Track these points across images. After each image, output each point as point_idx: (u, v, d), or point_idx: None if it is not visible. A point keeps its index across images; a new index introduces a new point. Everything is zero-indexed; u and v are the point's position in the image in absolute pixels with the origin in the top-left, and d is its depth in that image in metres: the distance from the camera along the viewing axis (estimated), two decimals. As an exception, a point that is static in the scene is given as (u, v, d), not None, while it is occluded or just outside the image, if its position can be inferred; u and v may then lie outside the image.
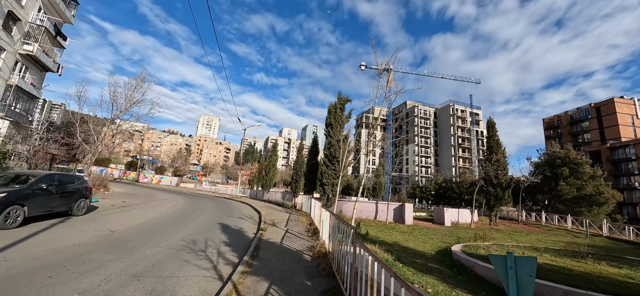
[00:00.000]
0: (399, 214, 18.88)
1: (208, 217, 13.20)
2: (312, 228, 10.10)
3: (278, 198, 22.18)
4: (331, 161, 15.39)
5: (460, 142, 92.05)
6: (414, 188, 41.24)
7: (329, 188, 15.31)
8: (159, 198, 22.25)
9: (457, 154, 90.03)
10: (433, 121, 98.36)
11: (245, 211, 17.18)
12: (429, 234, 15.43)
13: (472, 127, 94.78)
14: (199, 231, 9.67)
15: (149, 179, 46.15)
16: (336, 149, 15.20)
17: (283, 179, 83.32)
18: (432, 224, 20.32)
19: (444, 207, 22.24)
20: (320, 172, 15.76)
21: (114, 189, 25.42)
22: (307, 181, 20.12)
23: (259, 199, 27.95)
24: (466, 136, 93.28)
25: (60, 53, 34.49)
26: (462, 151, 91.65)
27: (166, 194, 26.15)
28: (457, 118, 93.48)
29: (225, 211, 16.00)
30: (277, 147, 33.21)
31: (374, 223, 16.66)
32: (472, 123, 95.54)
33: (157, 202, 18.52)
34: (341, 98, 16.68)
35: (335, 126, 15.89)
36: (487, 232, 17.38)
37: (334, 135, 15.71)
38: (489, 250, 10.93)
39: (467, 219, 21.57)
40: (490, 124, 22.49)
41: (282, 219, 12.82)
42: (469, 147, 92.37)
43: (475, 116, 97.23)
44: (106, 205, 14.67)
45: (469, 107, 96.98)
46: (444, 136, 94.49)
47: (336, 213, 12.07)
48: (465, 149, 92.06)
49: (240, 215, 14.79)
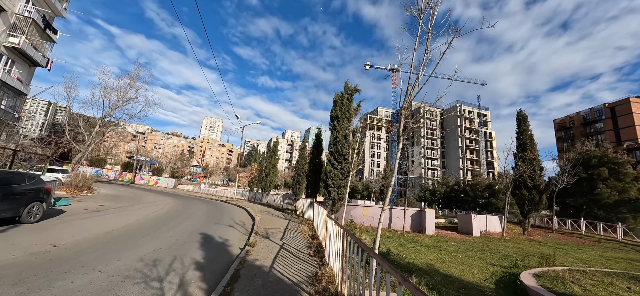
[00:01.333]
0: (417, 222, 16.33)
1: (191, 224, 11.14)
2: (315, 243, 7.98)
3: (278, 201, 20.06)
4: (337, 159, 13.25)
5: (467, 144, 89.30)
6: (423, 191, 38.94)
7: (334, 191, 13.17)
8: (146, 200, 20.28)
9: (465, 156, 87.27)
10: (439, 122, 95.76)
11: (238, 216, 15.10)
12: (463, 250, 12.64)
13: (480, 128, 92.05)
14: (171, 245, 7.59)
15: (146, 181, 44.37)
16: (343, 145, 13.10)
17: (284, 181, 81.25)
18: (457, 235, 17.51)
19: (472, 213, 19.21)
20: (324, 172, 13.62)
21: (100, 191, 23.52)
22: (309, 182, 17.84)
23: (258, 202, 25.87)
24: (474, 137, 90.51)
25: (51, 47, 32.90)
26: (470, 152, 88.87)
27: (157, 197, 24.19)
28: (464, 119, 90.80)
29: (215, 217, 13.93)
30: (278, 146, 31.16)
31: (389, 233, 14.31)
32: (480, 124, 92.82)
33: (141, 205, 16.54)
34: (348, 87, 14.58)
35: (342, 118, 13.77)
36: (535, 246, 14.71)
37: (341, 129, 13.59)
38: (579, 283, 7.72)
39: (497, 228, 19.01)
40: (521, 117, 19.76)
41: (278, 229, 10.70)
42: (477, 148, 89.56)
43: (483, 116, 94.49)
44: (77, 210, 12.67)
45: (477, 108, 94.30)
46: (450, 138, 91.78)
47: (344, 221, 9.80)
48: (473, 151, 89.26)
49: (231, 222, 12.70)
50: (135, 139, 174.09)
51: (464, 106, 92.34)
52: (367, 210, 14.57)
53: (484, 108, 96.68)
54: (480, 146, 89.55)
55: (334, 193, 13.07)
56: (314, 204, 10.87)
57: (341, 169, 13.14)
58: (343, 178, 13.12)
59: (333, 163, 13.35)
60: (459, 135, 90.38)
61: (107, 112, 31.86)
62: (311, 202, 12.18)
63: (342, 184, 12.99)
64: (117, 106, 31.79)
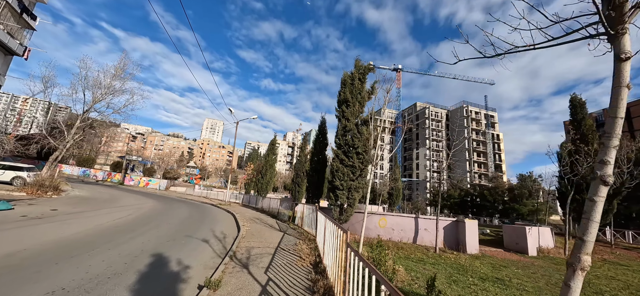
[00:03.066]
0: (453, 235, 12.48)
1: (153, 238, 8.27)
2: (323, 285, 4.69)
3: (274, 205, 17.13)
4: (347, 153, 10.32)
5: (475, 146, 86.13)
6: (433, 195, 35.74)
7: (343, 194, 10.21)
8: (120, 203, 17.41)
9: (472, 158, 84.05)
10: (445, 124, 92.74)
11: (221, 225, 12.17)
12: (545, 285, 8.37)
13: (487, 130, 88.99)
14: (92, 279, 4.70)
15: (136, 182, 41.55)
16: (355, 135, 10.19)
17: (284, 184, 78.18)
18: (507, 254, 13.29)
19: (525, 225, 14.82)
20: (331, 170, 10.66)
21: (73, 192, 20.61)
22: (311, 183, 14.80)
23: (251, 206, 22.93)
24: (481, 139, 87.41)
25: (30, 35, 30.25)
26: (477, 155, 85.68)
27: (137, 199, 21.31)
28: (471, 120, 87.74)
29: (191, 227, 11.03)
30: (277, 146, 28.25)
31: (417, 250, 10.96)
32: (487, 126, 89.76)
33: (108, 210, 13.66)
34: (360, 65, 11.70)
35: (353, 103, 10.87)
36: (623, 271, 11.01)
37: (351, 116, 10.69)
38: None
39: (549, 243, 15.56)
40: (578, 103, 16.47)
41: (266, 248, 7.76)
42: (485, 151, 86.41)
43: (491, 117, 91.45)
44: (11, 217, 9.79)
45: (484, 109, 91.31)
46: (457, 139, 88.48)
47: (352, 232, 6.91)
48: (480, 153, 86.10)
49: (208, 235, 9.78)
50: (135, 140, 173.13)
51: (471, 107, 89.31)
52: (384, 219, 11.25)
53: (492, 109, 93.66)
54: (488, 148, 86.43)
55: (342, 197, 10.10)
56: (316, 213, 7.98)
57: (352, 166, 10.18)
58: (355, 177, 10.21)
59: (342, 159, 10.39)
60: (465, 136, 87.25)
61: (89, 106, 29.18)
62: (313, 209, 9.27)
63: (354, 185, 10.05)
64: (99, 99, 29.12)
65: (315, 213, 8.66)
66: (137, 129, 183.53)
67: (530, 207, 26.75)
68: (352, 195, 10.17)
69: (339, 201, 10.17)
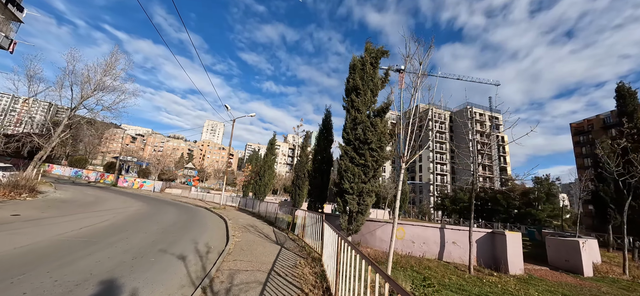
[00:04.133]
0: (488, 250, 10.16)
1: (114, 254, 6.59)
2: None
3: (272, 210, 15.40)
4: (358, 149, 8.56)
5: (479, 149, 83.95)
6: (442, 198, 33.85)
7: (353, 199, 8.41)
8: (102, 207, 15.71)
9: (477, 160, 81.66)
10: (449, 125, 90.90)
11: (208, 235, 10.45)
12: None
13: (492, 131, 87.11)
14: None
15: (130, 184, 39.85)
16: (368, 128, 8.45)
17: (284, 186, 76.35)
18: (553, 273, 11.23)
19: (578, 238, 12.72)
20: (338, 170, 8.84)
21: (53, 194, 18.88)
22: (313, 186, 12.81)
23: (248, 210, 21.19)
24: (485, 141, 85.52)
25: (17, 27, 28.77)
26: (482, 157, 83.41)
27: (123, 202, 19.60)
28: (475, 122, 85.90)
29: (171, 236, 9.33)
30: (276, 145, 26.52)
31: (452, 274, 8.89)
32: (492, 127, 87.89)
33: (83, 215, 11.97)
34: (371, 49, 9.99)
35: (364, 91, 9.14)
36: None
37: (363, 105, 8.95)
38: None
39: (596, 257, 13.38)
40: (626, 93, 14.57)
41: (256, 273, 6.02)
42: (489, 153, 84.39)
43: (496, 119, 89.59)
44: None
45: (488, 111, 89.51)
46: (461, 141, 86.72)
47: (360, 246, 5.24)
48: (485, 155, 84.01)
49: (187, 247, 8.08)
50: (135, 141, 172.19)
51: (475, 108, 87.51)
52: (402, 230, 9.29)
53: (496, 111, 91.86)
54: (493, 151, 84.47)
55: (352, 203, 8.33)
56: (322, 224, 6.26)
57: (364, 165, 8.43)
58: (367, 178, 8.45)
59: (352, 157, 8.72)
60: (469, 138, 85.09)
61: (78, 103, 27.57)
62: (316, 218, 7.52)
63: (366, 188, 8.28)
64: (88, 96, 27.51)
65: (319, 223, 6.93)
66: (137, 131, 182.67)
67: (549, 212, 24.91)
68: (363, 200, 8.42)
69: (348, 207, 8.41)
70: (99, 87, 27.97)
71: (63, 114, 32.77)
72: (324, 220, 6.17)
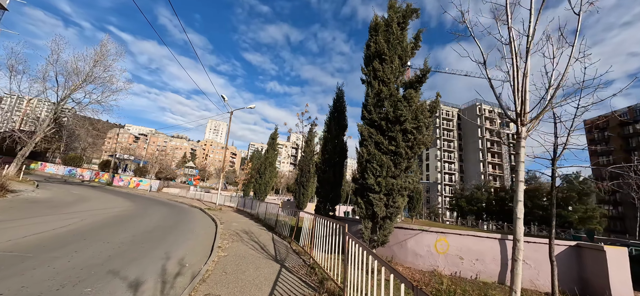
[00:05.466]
0: (573, 271, 6.66)
1: (40, 278, 4.36)
2: None
3: (272, 211, 13.22)
4: (387, 131, 6.24)
5: (489, 147, 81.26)
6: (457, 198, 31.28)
7: (379, 200, 6.05)
8: (79, 208, 13.66)
9: (486, 159, 79.22)
10: (456, 123, 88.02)
11: (187, 245, 8.31)
12: None
13: (502, 129, 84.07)
14: None
15: (126, 183, 38.02)
16: (399, 103, 6.14)
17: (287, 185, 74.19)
18: None
19: None
20: (360, 160, 6.41)
21: (32, 193, 16.83)
22: (323, 183, 10.09)
23: (246, 212, 19.04)
24: (495, 139, 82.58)
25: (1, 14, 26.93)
26: (492, 156, 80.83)
27: (108, 203, 17.58)
28: (485, 119, 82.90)
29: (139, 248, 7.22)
30: (277, 140, 24.36)
31: None
32: (502, 125, 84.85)
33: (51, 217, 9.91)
34: (397, 7, 7.75)
35: (391, 57, 6.84)
36: None
37: (391, 76, 6.65)
38: None
39: None
40: None
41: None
42: (500, 151, 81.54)
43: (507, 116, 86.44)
44: None
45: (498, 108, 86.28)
46: (469, 139, 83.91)
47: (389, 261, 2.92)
48: (495, 154, 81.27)
49: (152, 268, 5.94)
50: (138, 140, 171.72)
51: (485, 105, 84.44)
52: (445, 240, 6.54)
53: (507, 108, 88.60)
54: (503, 149, 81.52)
55: (378, 204, 5.96)
56: (343, 237, 4.06)
57: (395, 152, 6.15)
58: (399, 170, 6.16)
59: (378, 141, 6.26)
60: (479, 137, 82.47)
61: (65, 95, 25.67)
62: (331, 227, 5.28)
63: (397, 185, 5.96)
64: (77, 87, 25.59)
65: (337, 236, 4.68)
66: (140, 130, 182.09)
67: (581, 213, 22.28)
68: (394, 201, 6.12)
69: (373, 210, 6.09)
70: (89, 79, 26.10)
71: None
72: (346, 232, 3.96)
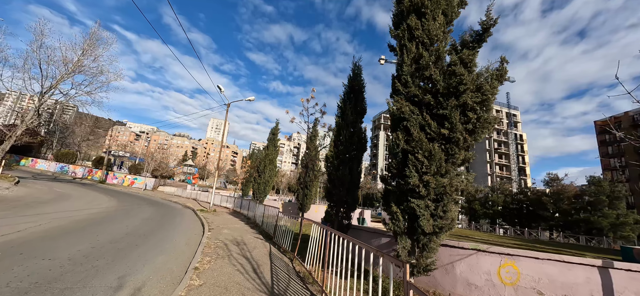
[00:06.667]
0: None
1: None
2: None
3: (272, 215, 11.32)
4: (434, 108, 4.30)
5: (496, 147, 79.07)
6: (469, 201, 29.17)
7: (425, 208, 4.18)
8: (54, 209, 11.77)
9: (493, 160, 77.02)
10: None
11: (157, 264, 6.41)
12: None
13: (509, 130, 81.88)
14: None
15: (120, 180, 36.30)
16: (455, 68, 4.23)
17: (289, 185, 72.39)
18: None
19: None
20: (393, 149, 4.49)
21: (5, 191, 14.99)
22: (334, 182, 7.73)
23: (242, 214, 17.15)
24: (503, 139, 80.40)
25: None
26: (499, 156, 78.65)
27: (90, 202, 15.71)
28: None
29: (84, 270, 5.30)
30: (278, 136, 22.47)
31: None
32: (509, 125, 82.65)
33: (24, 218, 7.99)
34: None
35: (434, 12, 4.91)
36: None
37: (434, 35, 4.72)
38: None
39: None
40: None
41: None
42: (507, 152, 79.33)
43: (513, 116, 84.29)
44: None
45: (506, 107, 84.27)
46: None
47: None
48: (502, 154, 79.10)
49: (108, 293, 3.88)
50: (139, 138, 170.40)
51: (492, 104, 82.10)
52: (513, 266, 4.59)
53: (514, 108, 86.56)
54: (511, 150, 79.30)
55: (424, 214, 4.02)
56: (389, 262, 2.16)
57: (449, 137, 4.06)
58: (454, 165, 4.24)
59: (423, 123, 4.27)
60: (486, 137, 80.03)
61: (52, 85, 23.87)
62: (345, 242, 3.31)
63: (449, 185, 4.05)
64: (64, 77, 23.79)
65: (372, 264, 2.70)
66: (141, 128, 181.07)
67: (613, 219, 20.25)
68: (445, 209, 4.16)
69: (419, 222, 4.12)
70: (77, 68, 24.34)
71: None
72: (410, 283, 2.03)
